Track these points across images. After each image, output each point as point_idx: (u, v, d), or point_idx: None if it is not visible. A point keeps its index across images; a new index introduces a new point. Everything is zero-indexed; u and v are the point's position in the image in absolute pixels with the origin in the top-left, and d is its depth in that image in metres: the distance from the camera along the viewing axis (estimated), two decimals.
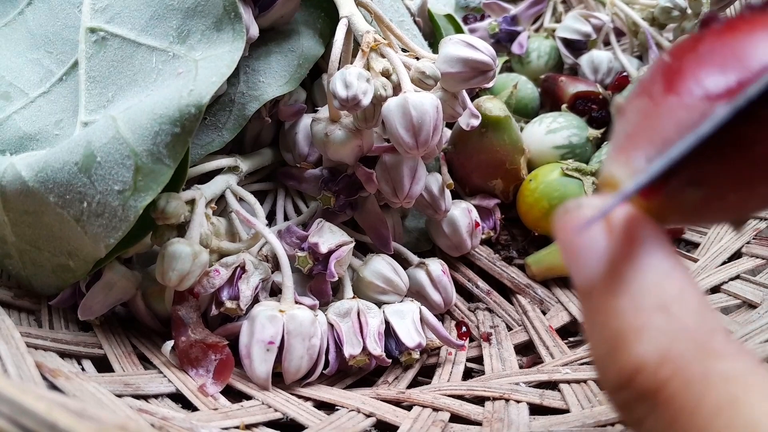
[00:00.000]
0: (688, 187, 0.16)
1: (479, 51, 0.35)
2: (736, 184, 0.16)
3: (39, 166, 0.30)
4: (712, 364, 0.14)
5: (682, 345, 0.14)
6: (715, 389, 0.14)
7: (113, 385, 0.30)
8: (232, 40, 0.31)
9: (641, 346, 0.15)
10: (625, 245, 0.16)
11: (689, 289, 0.15)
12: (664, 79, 0.17)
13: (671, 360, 0.14)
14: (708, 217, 0.17)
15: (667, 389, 0.14)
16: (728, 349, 0.15)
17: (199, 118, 0.29)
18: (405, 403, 0.33)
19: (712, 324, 0.15)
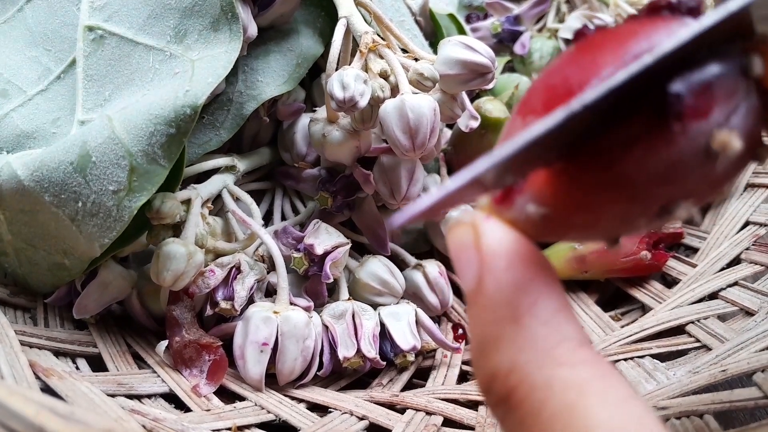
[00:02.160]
0: (530, 205, 0.16)
1: (478, 53, 0.34)
2: (578, 207, 0.16)
3: (35, 165, 0.30)
4: (555, 372, 0.15)
5: (530, 354, 0.16)
6: (555, 396, 0.15)
7: (106, 384, 0.30)
8: (228, 40, 0.31)
9: (495, 356, 0.16)
10: (490, 260, 0.17)
11: (543, 300, 0.16)
12: (522, 98, 0.18)
13: (519, 369, 0.16)
14: (560, 235, 0.18)
15: (515, 395, 0.16)
16: (574, 358, 0.15)
17: (194, 118, 0.29)
18: (398, 406, 0.33)
19: (563, 334, 0.16)
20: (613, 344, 0.36)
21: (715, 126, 0.15)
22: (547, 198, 0.16)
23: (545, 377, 0.15)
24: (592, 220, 0.16)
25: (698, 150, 0.15)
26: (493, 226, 0.17)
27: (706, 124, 0.15)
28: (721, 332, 0.34)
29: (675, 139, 0.15)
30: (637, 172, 0.15)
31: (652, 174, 0.15)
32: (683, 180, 0.16)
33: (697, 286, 0.39)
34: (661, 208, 0.16)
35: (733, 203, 0.44)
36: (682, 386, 0.30)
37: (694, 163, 0.15)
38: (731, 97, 0.15)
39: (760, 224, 0.42)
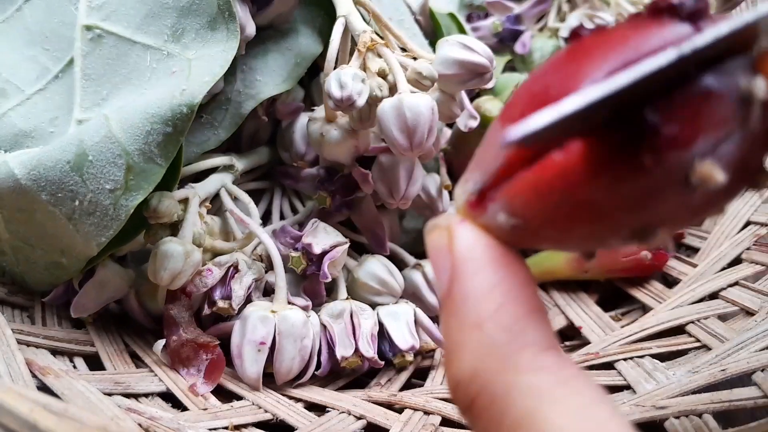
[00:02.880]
0: (501, 214, 0.16)
1: (476, 53, 0.34)
2: (546, 222, 0.16)
3: (32, 164, 0.30)
4: (515, 379, 0.15)
5: (490, 361, 0.15)
6: (515, 404, 0.15)
7: (103, 383, 0.30)
8: (226, 39, 0.31)
9: (458, 363, 0.16)
10: (459, 264, 0.16)
11: (506, 305, 0.16)
12: (506, 103, 0.17)
13: (480, 376, 0.15)
14: (531, 245, 0.17)
15: (477, 404, 0.15)
16: (535, 364, 0.15)
17: (191, 117, 0.29)
18: (396, 406, 0.33)
19: (525, 340, 0.15)
20: (613, 344, 0.36)
21: (698, 155, 0.14)
22: (516, 209, 0.16)
23: (505, 384, 0.15)
24: (562, 236, 0.16)
25: (675, 181, 0.14)
26: (466, 231, 0.17)
27: (687, 154, 0.14)
28: (721, 332, 0.34)
29: (649, 170, 0.14)
30: (604, 197, 0.15)
31: (621, 201, 0.15)
32: (656, 209, 0.15)
33: (698, 286, 0.39)
34: (633, 233, 0.15)
35: (734, 203, 0.44)
36: (682, 386, 0.30)
37: (671, 193, 0.14)
38: (723, 124, 0.14)
39: (760, 224, 0.41)
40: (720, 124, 0.14)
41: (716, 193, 0.14)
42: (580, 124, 0.14)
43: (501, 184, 0.16)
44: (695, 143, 0.14)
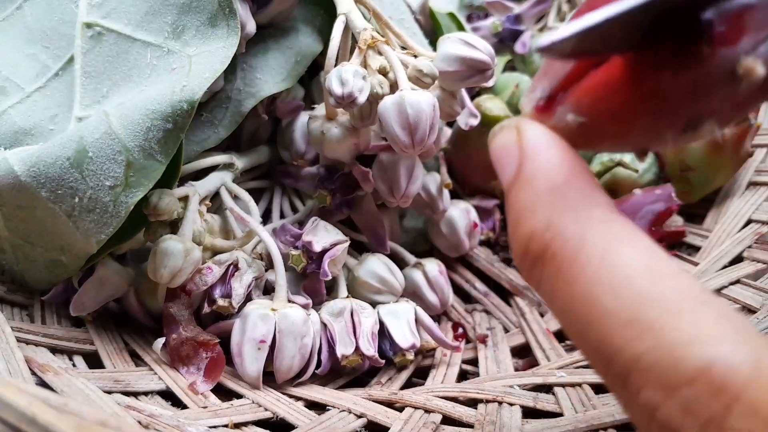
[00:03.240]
0: (570, 114, 0.18)
1: (477, 50, 0.34)
2: (612, 117, 0.18)
3: (31, 160, 0.30)
4: (589, 226, 0.17)
5: (565, 214, 0.17)
6: (588, 244, 0.16)
7: (103, 381, 0.30)
8: (226, 36, 0.31)
9: (533, 219, 0.17)
10: (531, 149, 0.18)
11: (577, 176, 0.18)
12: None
13: (554, 225, 0.17)
14: (594, 144, 0.19)
15: (551, 248, 0.17)
16: (608, 217, 0.17)
17: (191, 114, 0.29)
18: (397, 405, 0.32)
19: (596, 201, 0.17)
20: None
21: (742, 53, 0.16)
22: (584, 108, 0.18)
23: (580, 229, 0.17)
24: (624, 131, 0.18)
25: (725, 73, 0.17)
26: (535, 127, 0.19)
27: (734, 50, 0.16)
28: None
29: (704, 62, 0.17)
30: (667, 88, 0.17)
31: (681, 91, 0.17)
32: (709, 99, 0.17)
33: None
34: (687, 124, 0.18)
35: (735, 201, 0.44)
36: None
37: (720, 84, 0.17)
38: (762, 28, 0.16)
39: (762, 222, 0.41)
40: (759, 28, 0.16)
41: (756, 88, 0.17)
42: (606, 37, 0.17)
43: (569, 87, 0.19)
44: (740, 42, 0.16)
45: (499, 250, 0.46)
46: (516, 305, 0.42)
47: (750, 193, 0.44)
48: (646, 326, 0.14)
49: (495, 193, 0.46)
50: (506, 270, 0.44)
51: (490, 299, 0.43)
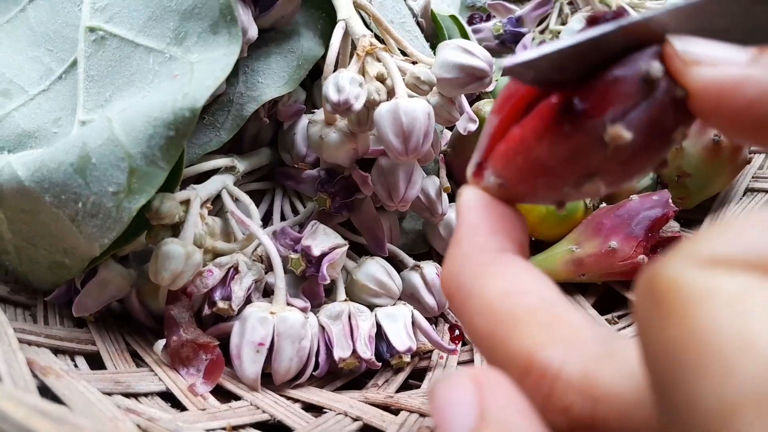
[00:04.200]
0: (491, 177, 0.21)
1: (476, 57, 0.35)
2: (519, 179, 0.21)
3: (35, 165, 0.30)
4: (470, 270, 0.20)
5: (461, 264, 0.20)
6: (469, 283, 0.19)
7: (104, 383, 0.30)
8: (228, 43, 0.32)
9: (445, 270, 0.21)
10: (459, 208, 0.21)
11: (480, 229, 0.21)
12: None
13: (454, 275, 0.20)
14: (517, 199, 0.22)
15: (453, 296, 0.20)
16: (487, 260, 0.20)
17: (193, 121, 0.29)
18: (393, 408, 0.33)
19: (486, 248, 0.20)
20: None
21: (609, 121, 0.18)
22: (498, 171, 0.21)
23: (468, 275, 0.20)
24: (531, 189, 0.21)
25: (595, 140, 0.19)
26: (468, 189, 0.22)
27: (600, 121, 0.19)
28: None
29: (574, 134, 0.19)
30: (548, 156, 0.20)
31: (560, 158, 0.20)
32: (588, 163, 0.19)
33: None
34: (576, 182, 0.20)
35: (732, 208, 0.44)
36: None
37: (593, 149, 0.19)
38: (630, 97, 0.18)
39: None
40: (627, 98, 0.19)
41: (633, 149, 0.19)
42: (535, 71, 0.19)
43: (489, 155, 0.21)
44: (605, 113, 0.19)
45: None
46: None
47: (747, 199, 0.44)
48: (499, 338, 0.18)
49: None
50: None
51: None
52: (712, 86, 0.17)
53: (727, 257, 0.13)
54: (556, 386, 0.16)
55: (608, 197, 0.46)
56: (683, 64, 0.18)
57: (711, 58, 0.18)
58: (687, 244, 0.14)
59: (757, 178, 0.46)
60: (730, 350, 0.12)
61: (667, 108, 0.19)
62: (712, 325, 0.13)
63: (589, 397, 0.16)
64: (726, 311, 0.13)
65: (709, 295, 0.13)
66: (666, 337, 0.13)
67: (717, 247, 0.14)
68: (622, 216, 0.42)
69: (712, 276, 0.13)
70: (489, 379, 0.17)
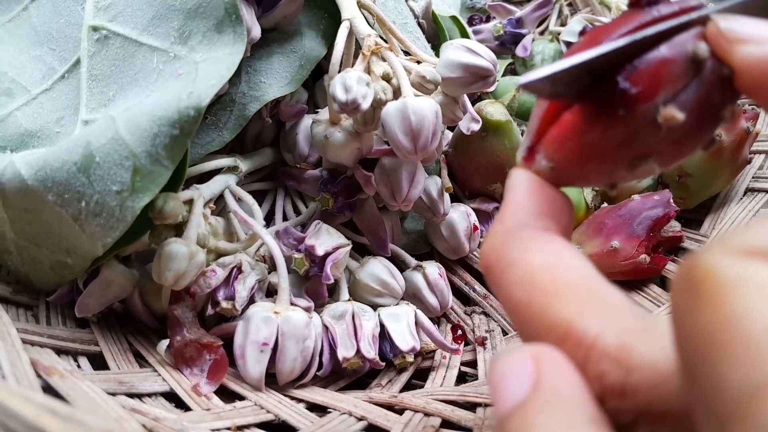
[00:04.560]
0: (543, 160, 0.22)
1: (480, 56, 0.35)
2: (572, 163, 0.21)
3: (38, 164, 0.30)
4: (513, 245, 0.20)
5: (503, 238, 0.21)
6: (509, 255, 0.20)
7: (107, 383, 0.30)
8: (232, 42, 0.32)
9: (486, 243, 0.22)
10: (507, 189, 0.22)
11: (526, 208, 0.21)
12: None
13: (495, 247, 0.21)
14: (567, 182, 0.22)
15: (492, 267, 0.21)
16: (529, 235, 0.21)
17: (198, 120, 0.29)
18: (397, 407, 0.33)
19: (529, 225, 0.21)
20: None
21: (661, 103, 0.19)
22: (550, 155, 0.21)
23: (508, 249, 0.20)
24: (583, 172, 0.21)
25: (648, 123, 0.19)
26: (517, 172, 0.22)
27: (652, 103, 0.19)
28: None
29: (627, 117, 0.19)
30: (601, 140, 0.20)
31: (613, 142, 0.20)
32: (641, 145, 0.20)
33: None
34: (630, 164, 0.20)
35: (733, 207, 0.44)
36: None
37: (647, 132, 0.19)
38: (679, 79, 0.19)
39: None
40: (676, 79, 0.19)
41: (686, 129, 0.19)
42: (568, 81, 0.20)
43: (540, 139, 0.22)
44: (657, 95, 0.19)
45: None
46: None
47: (747, 199, 0.45)
48: (538, 307, 0.19)
49: (495, 196, 0.47)
50: None
51: (489, 301, 0.43)
52: (757, 63, 0.18)
53: (763, 248, 0.14)
54: (592, 354, 0.17)
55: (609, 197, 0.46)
56: (728, 43, 0.18)
57: (755, 36, 0.18)
58: (723, 238, 0.15)
59: (758, 178, 0.46)
60: (759, 336, 0.13)
61: (715, 87, 0.19)
62: (743, 311, 0.13)
63: (623, 367, 0.16)
64: (757, 299, 0.13)
65: (742, 283, 0.13)
66: (699, 321, 0.14)
67: (754, 239, 0.14)
68: (624, 216, 0.42)
69: (747, 265, 0.14)
70: (547, 355, 0.18)
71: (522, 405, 0.17)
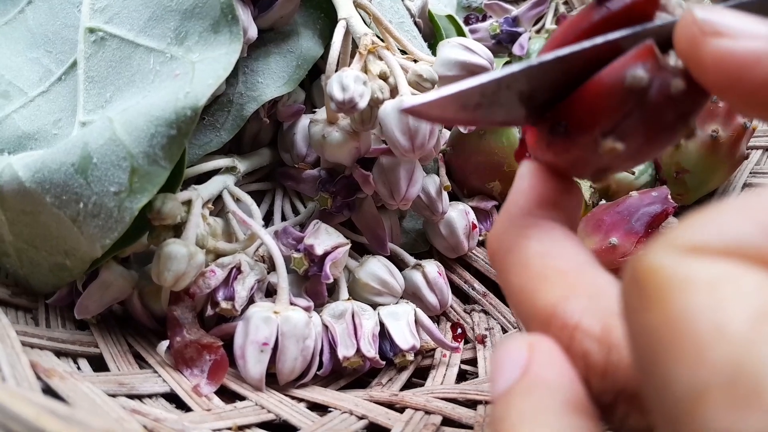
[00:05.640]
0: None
1: (476, 55, 0.35)
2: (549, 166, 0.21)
3: (36, 166, 0.30)
4: (514, 231, 0.21)
5: (505, 225, 0.21)
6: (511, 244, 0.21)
7: (108, 384, 0.30)
8: (229, 42, 0.32)
9: (492, 232, 0.22)
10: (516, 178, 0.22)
11: (527, 194, 0.21)
12: None
13: (498, 235, 0.22)
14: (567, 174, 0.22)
15: (496, 255, 0.22)
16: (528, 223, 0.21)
17: (195, 120, 0.29)
18: (398, 406, 0.33)
19: (531, 213, 0.21)
20: None
21: (599, 135, 0.18)
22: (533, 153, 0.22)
23: (510, 236, 0.21)
24: (564, 171, 0.21)
25: (592, 150, 0.19)
26: (525, 162, 0.22)
27: (592, 135, 0.18)
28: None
29: (572, 145, 0.19)
30: (558, 160, 0.21)
31: (569, 162, 0.20)
32: (596, 163, 0.20)
33: None
34: (593, 175, 0.21)
35: None
36: None
37: (594, 156, 0.19)
38: (617, 109, 0.18)
39: None
40: (614, 110, 0.18)
41: (637, 148, 0.19)
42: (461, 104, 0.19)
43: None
44: (594, 128, 0.18)
45: None
46: None
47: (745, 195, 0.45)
48: (529, 292, 0.19)
49: (493, 195, 0.47)
50: None
51: (489, 300, 0.43)
52: (730, 60, 0.16)
53: (706, 244, 0.14)
54: (575, 335, 0.18)
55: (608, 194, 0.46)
56: (701, 34, 0.17)
57: (732, 29, 0.17)
58: (668, 232, 0.15)
59: (755, 173, 0.46)
60: (703, 337, 0.13)
61: (665, 106, 0.18)
62: (688, 311, 0.13)
63: (605, 345, 0.17)
64: (701, 298, 0.13)
65: (686, 282, 0.13)
66: (645, 322, 0.14)
67: (696, 235, 0.14)
68: (622, 212, 0.42)
69: (690, 263, 0.14)
70: (541, 343, 0.18)
71: (507, 390, 0.18)
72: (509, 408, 0.17)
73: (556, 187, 0.22)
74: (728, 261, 0.13)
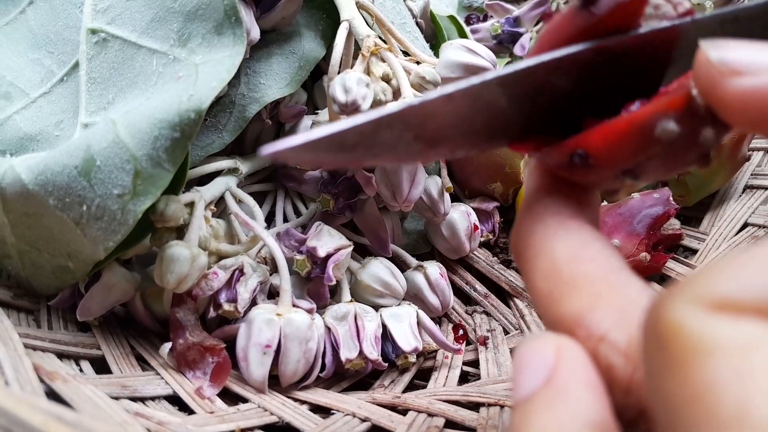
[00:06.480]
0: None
1: (480, 56, 0.35)
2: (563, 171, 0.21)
3: (39, 168, 0.30)
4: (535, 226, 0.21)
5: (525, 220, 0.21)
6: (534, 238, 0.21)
7: (110, 387, 0.30)
8: (232, 44, 0.31)
9: (514, 229, 0.22)
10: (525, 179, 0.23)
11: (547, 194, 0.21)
12: None
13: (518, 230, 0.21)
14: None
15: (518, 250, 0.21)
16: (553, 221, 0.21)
17: (198, 123, 0.29)
18: (400, 408, 0.33)
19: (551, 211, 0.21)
20: None
21: (619, 173, 0.18)
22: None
23: (530, 232, 0.21)
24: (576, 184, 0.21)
25: (609, 178, 0.19)
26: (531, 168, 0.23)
27: (611, 171, 0.18)
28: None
29: (587, 174, 0.19)
30: (572, 179, 0.21)
31: (587, 183, 0.21)
32: (610, 186, 0.20)
33: None
34: (608, 194, 0.21)
35: (732, 205, 0.45)
36: None
37: (610, 182, 0.19)
38: (641, 152, 0.17)
39: (758, 226, 0.42)
40: (637, 154, 0.18)
41: (650, 180, 0.19)
42: (339, 146, 0.18)
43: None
44: (614, 167, 0.18)
45: (498, 252, 0.47)
46: (515, 307, 0.43)
47: (746, 196, 0.45)
48: (556, 298, 0.19)
49: (495, 196, 0.47)
50: (506, 272, 0.45)
51: (490, 301, 0.43)
52: (756, 97, 0.16)
53: (733, 301, 0.13)
54: (601, 347, 0.17)
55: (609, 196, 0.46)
56: (720, 76, 0.16)
57: (749, 66, 0.16)
58: (692, 281, 0.14)
59: (756, 175, 0.46)
60: (726, 418, 0.12)
61: (690, 149, 0.17)
62: (712, 384, 0.12)
63: (631, 360, 0.16)
64: (728, 369, 0.12)
65: (713, 348, 0.13)
66: (668, 388, 0.13)
67: (721, 288, 0.13)
68: (624, 214, 0.42)
69: (716, 324, 0.13)
70: (567, 348, 0.17)
71: (530, 398, 0.17)
72: (529, 420, 0.16)
73: (576, 185, 0.22)
74: (757, 321, 0.13)
